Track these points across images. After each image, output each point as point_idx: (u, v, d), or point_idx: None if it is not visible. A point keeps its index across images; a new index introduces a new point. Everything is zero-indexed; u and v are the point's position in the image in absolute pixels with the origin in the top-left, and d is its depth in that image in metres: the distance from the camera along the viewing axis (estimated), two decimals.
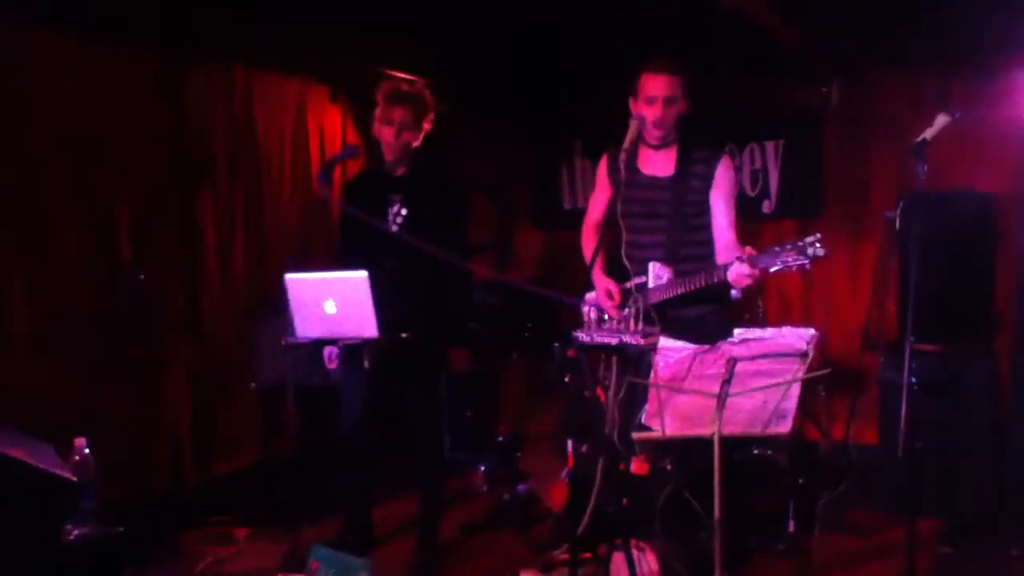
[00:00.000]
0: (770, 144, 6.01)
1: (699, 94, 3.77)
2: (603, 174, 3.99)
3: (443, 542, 4.40)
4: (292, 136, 5.87)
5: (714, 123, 4.49)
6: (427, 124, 4.11)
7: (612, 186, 3.88)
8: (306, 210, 5.86)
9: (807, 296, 5.91)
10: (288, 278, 3.77)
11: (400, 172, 4.14)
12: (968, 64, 5.17)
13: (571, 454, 3.45)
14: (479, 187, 6.79)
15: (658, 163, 3.80)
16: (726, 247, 3.67)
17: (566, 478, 4.27)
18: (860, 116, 5.75)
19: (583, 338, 3.43)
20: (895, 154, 5.44)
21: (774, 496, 4.36)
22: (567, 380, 3.82)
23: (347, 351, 3.97)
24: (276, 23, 4.91)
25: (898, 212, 3.74)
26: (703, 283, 3.54)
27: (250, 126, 5.56)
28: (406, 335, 3.88)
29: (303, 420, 4.68)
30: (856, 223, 5.73)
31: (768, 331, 3.05)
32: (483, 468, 5.46)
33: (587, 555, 3.67)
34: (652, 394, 3.13)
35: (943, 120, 3.37)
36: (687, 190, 3.74)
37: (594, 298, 3.88)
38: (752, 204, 5.96)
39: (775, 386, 3.06)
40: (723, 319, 3.74)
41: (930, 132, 3.37)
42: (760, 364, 3.05)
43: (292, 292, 3.77)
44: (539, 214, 7.08)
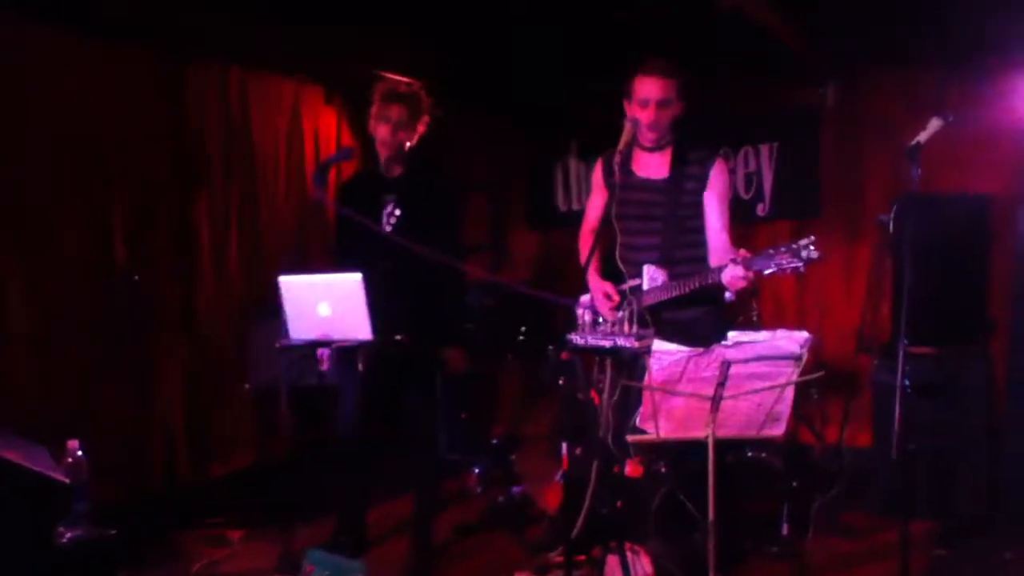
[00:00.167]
0: (764, 147, 6.01)
1: (694, 96, 3.76)
2: (599, 178, 3.99)
3: (437, 543, 4.40)
4: (287, 137, 5.88)
5: (708, 126, 4.49)
6: (422, 126, 4.12)
7: (607, 189, 3.88)
8: (301, 211, 5.86)
9: (801, 298, 5.90)
10: (282, 280, 3.76)
11: (394, 173, 4.14)
12: (966, 65, 5.16)
13: (565, 456, 3.45)
14: (477, 187, 6.81)
15: (653, 165, 3.80)
16: (720, 249, 3.67)
17: (561, 480, 4.28)
18: (856, 117, 5.73)
19: (577, 340, 3.43)
20: (890, 156, 5.42)
21: (768, 499, 4.35)
22: (561, 383, 3.83)
23: (341, 353, 3.97)
24: (275, 24, 4.91)
25: (892, 215, 3.74)
26: (698, 285, 3.53)
27: (246, 127, 5.57)
28: (400, 337, 3.88)
29: (297, 421, 4.68)
30: (850, 225, 5.71)
31: (762, 334, 3.05)
32: (478, 470, 5.45)
33: (581, 557, 3.66)
34: (646, 397, 3.13)
35: (937, 123, 3.38)
36: (681, 192, 3.73)
37: (588, 300, 3.87)
38: (746, 207, 5.96)
39: (769, 389, 3.06)
40: (717, 321, 3.73)
41: (924, 135, 3.37)
42: (754, 367, 3.05)
43: (286, 294, 3.76)
44: (534, 215, 7.08)
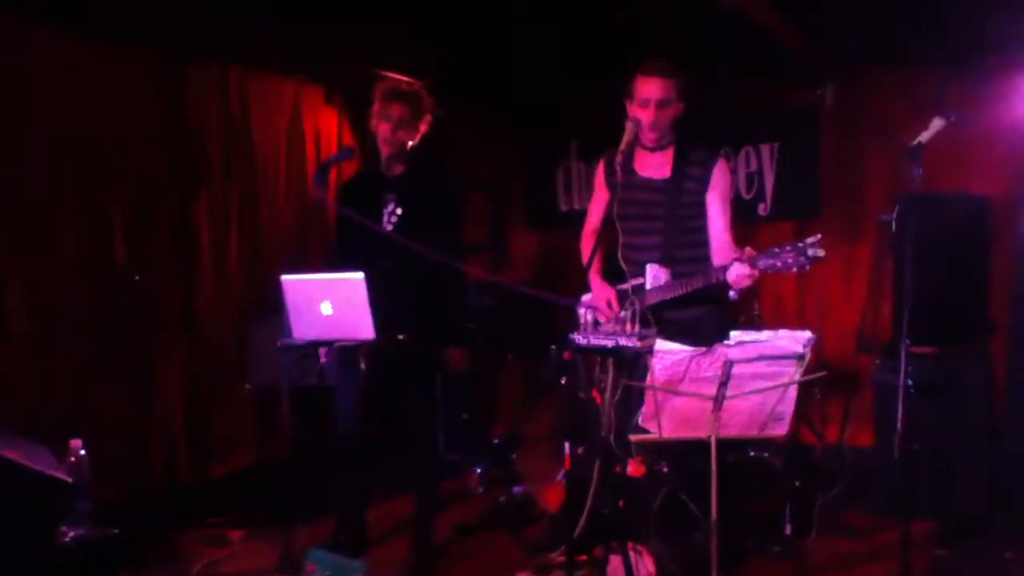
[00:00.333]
0: (765, 147, 6.01)
1: (695, 96, 3.76)
2: (600, 178, 3.99)
3: (438, 543, 4.40)
4: (287, 137, 5.88)
5: (709, 126, 4.49)
6: (423, 125, 4.12)
7: (609, 189, 3.88)
8: (301, 211, 5.86)
9: (801, 298, 5.91)
10: (285, 279, 3.76)
11: (395, 172, 4.14)
12: (966, 65, 5.16)
13: (567, 456, 3.45)
14: (477, 187, 6.80)
15: (654, 165, 3.80)
16: (722, 249, 3.68)
17: (562, 480, 4.27)
18: (856, 117, 5.74)
19: (579, 340, 3.42)
20: (891, 155, 5.42)
21: (770, 498, 4.36)
22: (563, 382, 3.82)
23: (342, 352, 3.97)
24: (276, 24, 4.91)
25: (893, 215, 3.74)
26: (702, 284, 3.54)
27: (246, 127, 5.56)
28: (402, 337, 3.88)
29: (297, 421, 4.67)
30: (851, 225, 5.72)
31: (764, 334, 3.05)
32: (479, 470, 5.45)
33: (583, 557, 3.66)
34: (649, 396, 3.13)
35: (939, 123, 3.36)
36: (683, 192, 3.74)
37: (590, 300, 3.87)
38: (747, 207, 5.96)
39: (772, 389, 3.07)
40: (719, 320, 3.73)
41: (926, 135, 3.36)
42: (757, 367, 3.05)
43: (289, 293, 3.75)
44: (534, 215, 7.08)
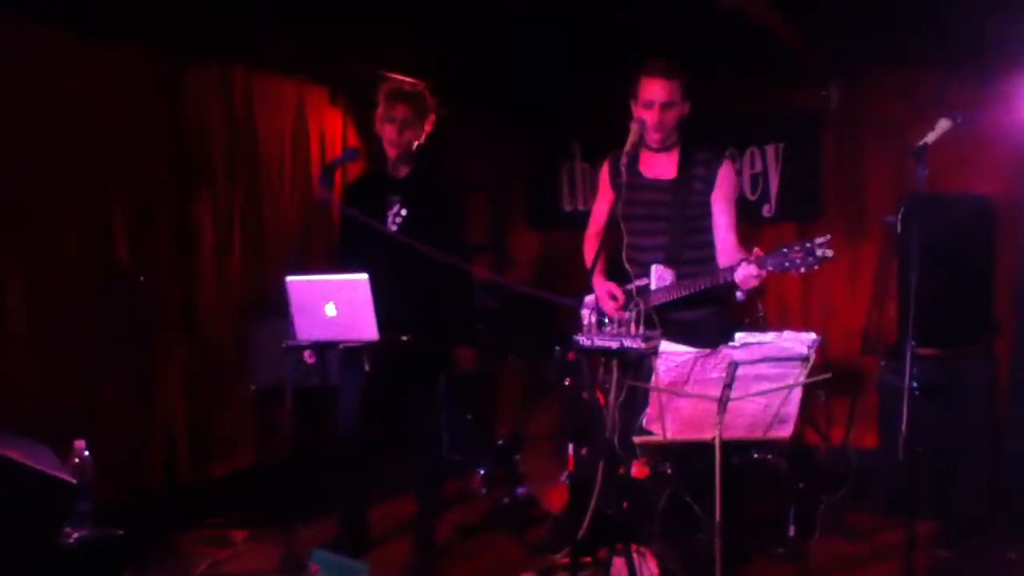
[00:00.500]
0: (770, 148, 6.01)
1: (699, 97, 3.76)
2: (605, 179, 3.98)
3: (440, 544, 4.39)
4: (292, 137, 5.87)
5: (714, 126, 4.49)
6: (429, 124, 4.12)
7: (614, 190, 3.87)
8: (306, 212, 5.85)
9: (806, 299, 5.90)
10: (289, 281, 3.75)
11: (401, 173, 4.14)
12: (967, 65, 5.15)
13: (571, 457, 3.44)
14: (477, 187, 6.79)
15: (660, 166, 3.79)
16: (727, 250, 3.67)
17: (566, 481, 4.27)
18: (858, 117, 5.73)
19: (583, 341, 3.40)
20: (893, 156, 5.43)
21: (774, 500, 4.35)
22: (567, 383, 3.82)
23: (347, 353, 3.97)
24: (275, 24, 4.90)
25: (899, 216, 3.74)
26: (708, 285, 3.53)
27: (250, 127, 5.55)
28: (406, 338, 3.87)
29: (298, 421, 4.67)
30: (854, 226, 5.71)
31: (769, 335, 3.05)
32: (482, 470, 5.44)
33: (587, 559, 3.66)
34: (653, 398, 3.13)
35: (945, 124, 3.35)
36: (689, 193, 3.73)
37: (593, 301, 3.86)
38: (752, 208, 5.96)
39: (776, 390, 3.06)
40: (722, 322, 3.74)
41: (931, 136, 3.35)
42: (761, 368, 3.05)
43: (293, 294, 3.75)
44: (535, 215, 7.07)
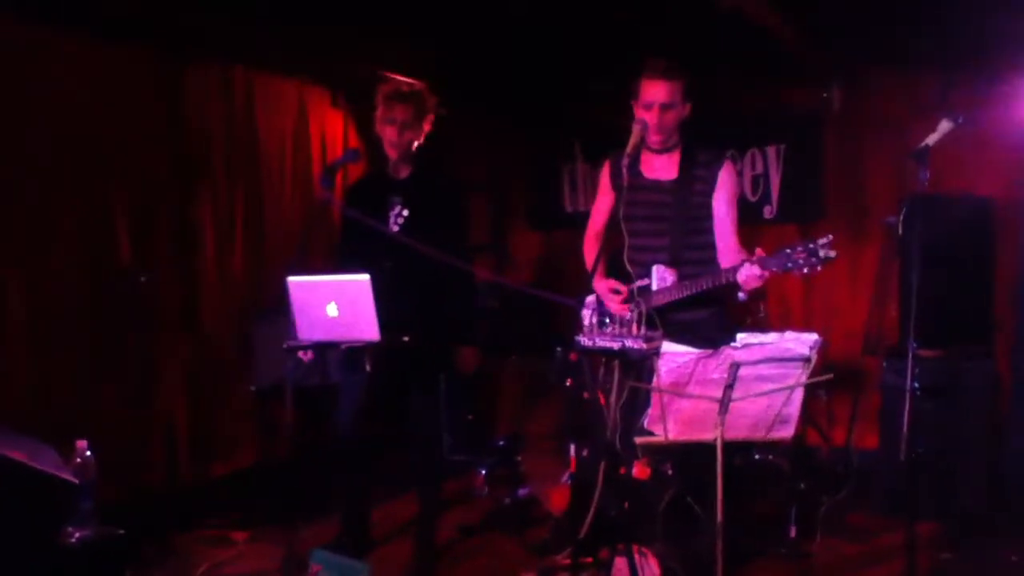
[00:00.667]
0: (771, 149, 6.01)
1: (700, 98, 3.75)
2: (605, 180, 3.97)
3: (442, 544, 4.39)
4: (293, 138, 5.86)
5: (715, 127, 4.48)
6: (428, 124, 4.12)
7: (614, 191, 3.87)
8: (307, 213, 5.85)
9: (807, 300, 5.90)
10: (290, 281, 3.74)
11: (403, 174, 4.14)
12: (968, 66, 5.16)
13: (573, 458, 3.44)
14: (477, 187, 6.78)
15: (661, 167, 3.79)
16: (729, 250, 3.67)
17: (568, 481, 4.27)
18: (858, 118, 5.74)
19: (585, 342, 3.40)
20: (894, 156, 5.44)
21: (775, 500, 4.36)
22: (568, 384, 3.82)
23: (348, 353, 3.96)
24: (275, 24, 4.89)
25: (900, 217, 3.73)
26: (710, 285, 3.53)
27: (250, 127, 5.55)
28: (407, 338, 3.87)
29: (300, 421, 4.66)
30: (855, 226, 5.71)
31: (771, 336, 3.05)
32: (483, 470, 5.44)
33: (588, 559, 3.66)
34: (655, 398, 3.13)
35: (946, 126, 3.33)
36: (690, 194, 3.73)
37: (594, 301, 3.86)
38: (753, 209, 5.96)
39: (778, 391, 3.06)
40: (724, 322, 3.74)
41: (933, 137, 3.33)
42: (763, 369, 3.05)
43: (294, 295, 3.74)
44: (536, 215, 7.07)
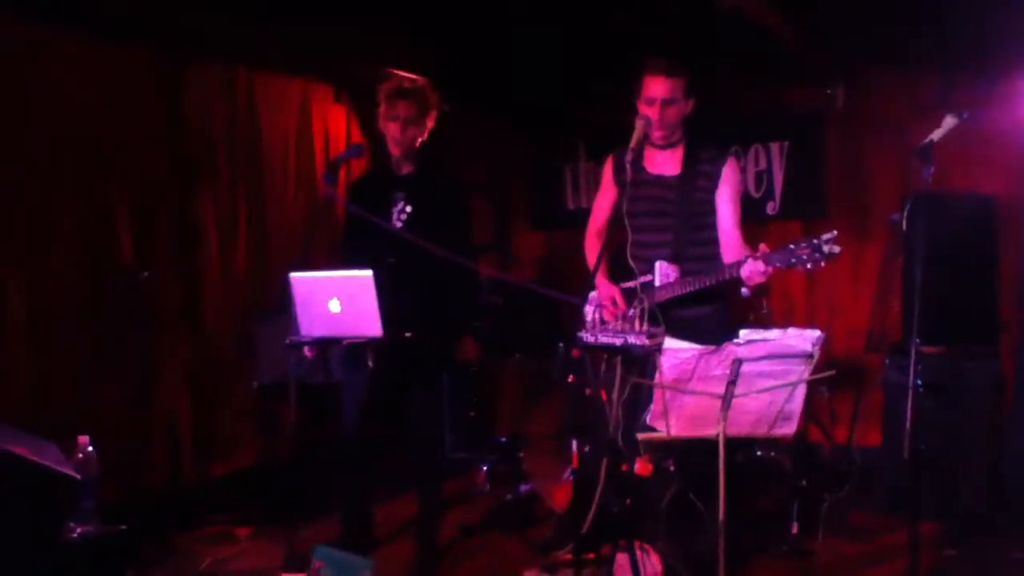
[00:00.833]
0: (775, 145, 6.01)
1: (702, 94, 3.75)
2: (608, 175, 3.97)
3: (443, 542, 4.38)
4: (296, 136, 5.87)
5: (718, 124, 4.48)
6: (431, 120, 4.11)
7: (617, 186, 3.87)
8: (310, 210, 5.85)
9: (810, 297, 5.90)
10: (293, 277, 3.75)
11: (406, 171, 4.13)
12: (968, 65, 5.16)
13: (575, 454, 3.44)
14: (477, 187, 6.77)
15: (664, 163, 3.78)
16: (732, 246, 3.66)
17: (570, 478, 4.26)
18: (858, 117, 5.74)
19: (587, 338, 3.39)
20: (895, 155, 5.45)
21: (777, 497, 4.35)
22: (571, 380, 3.80)
23: (350, 349, 3.96)
24: (276, 23, 4.89)
25: (904, 214, 3.73)
26: (714, 281, 3.52)
27: (253, 126, 5.55)
28: (410, 335, 3.86)
29: (302, 418, 4.66)
30: (857, 224, 5.71)
31: (773, 332, 3.04)
32: (485, 468, 5.44)
33: (590, 556, 3.65)
34: (657, 395, 3.12)
35: (951, 122, 3.31)
36: (693, 189, 3.72)
37: (597, 298, 3.86)
38: (756, 205, 5.96)
39: (780, 387, 3.05)
40: (726, 318, 3.74)
41: (938, 134, 3.31)
42: (765, 365, 3.04)
43: (297, 291, 3.74)
44: (538, 214, 7.06)
